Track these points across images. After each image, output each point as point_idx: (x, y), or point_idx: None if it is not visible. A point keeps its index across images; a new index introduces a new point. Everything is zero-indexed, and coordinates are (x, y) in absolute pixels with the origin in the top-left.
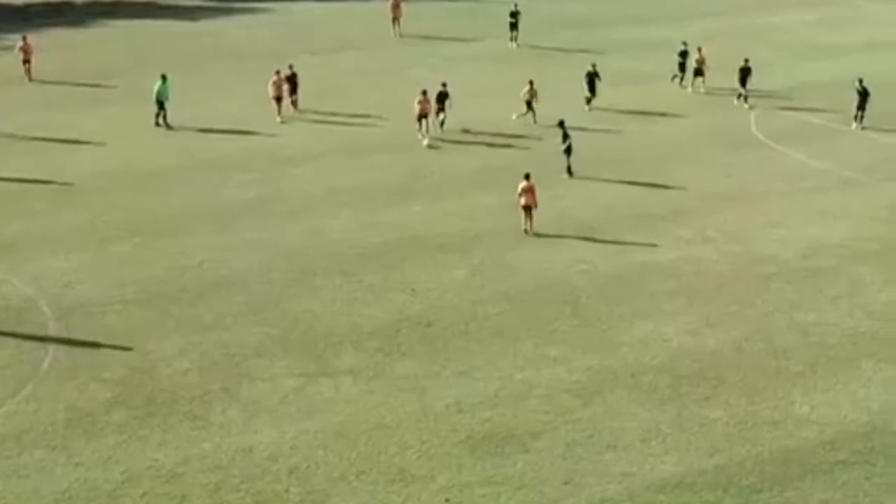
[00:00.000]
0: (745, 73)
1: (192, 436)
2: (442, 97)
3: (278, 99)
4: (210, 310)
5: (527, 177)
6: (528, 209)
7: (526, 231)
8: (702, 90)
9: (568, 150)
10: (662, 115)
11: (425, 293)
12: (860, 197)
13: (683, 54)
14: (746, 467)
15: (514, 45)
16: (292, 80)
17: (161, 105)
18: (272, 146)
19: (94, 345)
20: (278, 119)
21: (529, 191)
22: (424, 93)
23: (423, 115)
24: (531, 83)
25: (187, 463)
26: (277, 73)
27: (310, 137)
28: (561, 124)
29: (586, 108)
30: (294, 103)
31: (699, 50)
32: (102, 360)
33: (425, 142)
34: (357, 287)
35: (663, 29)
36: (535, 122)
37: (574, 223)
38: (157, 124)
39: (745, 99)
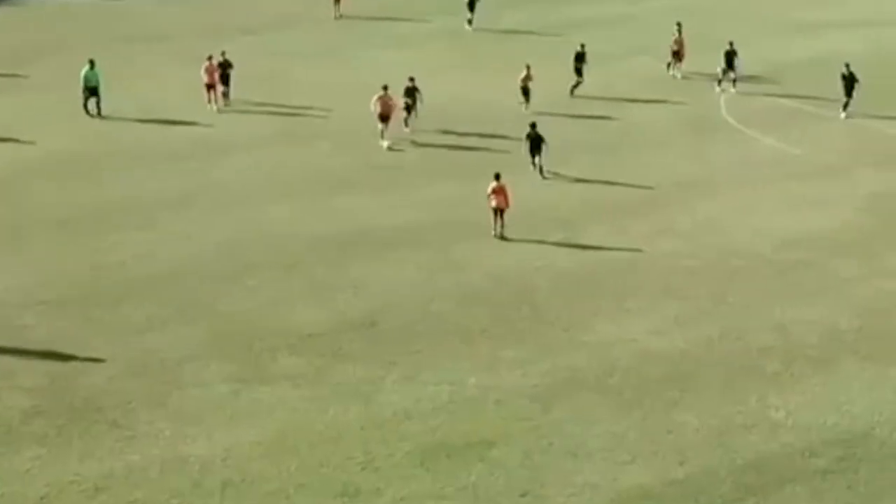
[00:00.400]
0: (730, 56)
1: (117, 447)
2: (411, 93)
3: (210, 86)
4: (138, 311)
5: (497, 177)
6: (499, 212)
7: (496, 235)
8: (678, 75)
9: (535, 148)
10: (624, 99)
11: (371, 291)
12: (839, 184)
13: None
14: (719, 476)
15: (470, 27)
16: (224, 69)
17: (92, 92)
18: (206, 135)
19: (12, 350)
20: (209, 107)
21: (501, 191)
22: (385, 88)
23: (385, 116)
24: (528, 67)
25: (112, 476)
26: (209, 58)
27: (246, 125)
28: (533, 126)
29: (571, 95)
30: (225, 95)
31: (678, 30)
32: (20, 367)
33: (385, 143)
34: (297, 284)
35: (622, 5)
36: (526, 109)
37: (532, 215)
38: (88, 112)
39: (734, 83)
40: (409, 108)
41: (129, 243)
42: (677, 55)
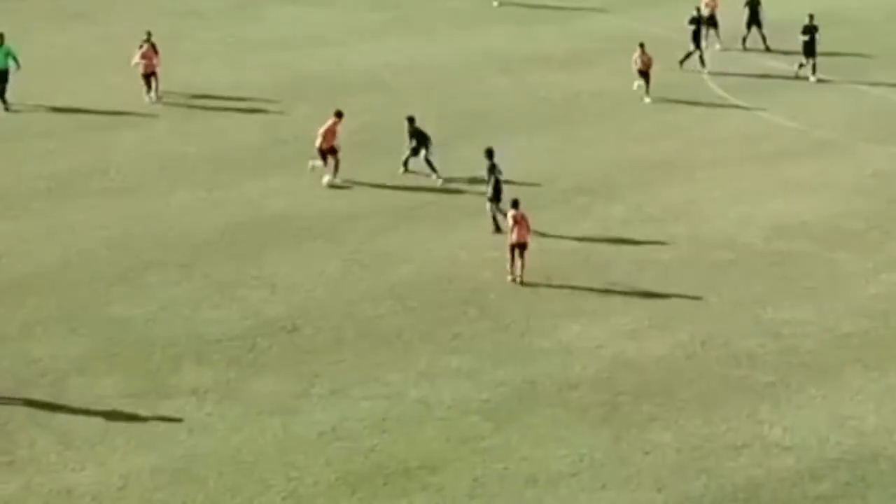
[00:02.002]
0: (754, 7)
1: None
2: (419, 137)
3: (149, 76)
4: (12, 316)
5: (515, 204)
6: (519, 248)
7: (514, 280)
8: (717, 46)
9: (495, 192)
10: (590, 62)
11: (288, 290)
12: (840, 163)
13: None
14: None
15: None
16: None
17: (1, 77)
18: (87, 108)
19: None
20: (146, 99)
21: (522, 221)
22: (339, 115)
23: (329, 151)
24: (642, 46)
25: None
26: (147, 40)
27: (138, 95)
28: (489, 154)
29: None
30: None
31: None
32: None
33: (326, 178)
34: (201, 284)
35: None
36: (647, 97)
37: (477, 199)
38: (5, 104)
39: (765, 42)
40: (416, 152)
41: (3, 235)
42: (713, 21)
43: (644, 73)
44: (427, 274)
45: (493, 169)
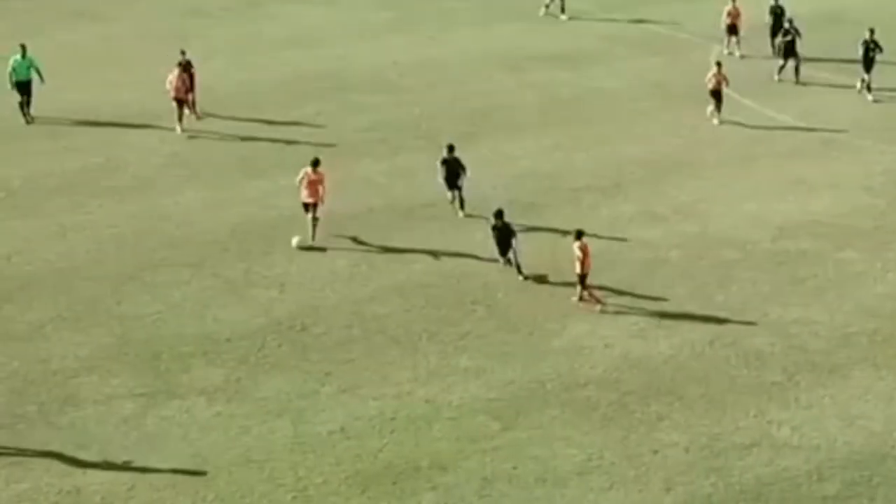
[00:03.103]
0: (778, 17)
1: (2, 474)
2: (451, 166)
3: (181, 102)
4: (22, 316)
5: (579, 235)
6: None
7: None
8: (737, 53)
9: (507, 253)
10: (598, 60)
11: (297, 289)
12: (848, 162)
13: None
14: None
15: (564, 16)
16: (188, 72)
17: (24, 91)
18: (97, 107)
19: None
20: (177, 128)
21: (584, 250)
22: (315, 164)
23: (313, 204)
24: (719, 66)
25: None
26: (180, 64)
27: (149, 95)
28: (499, 215)
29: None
30: (193, 104)
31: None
32: None
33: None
34: (210, 283)
35: None
36: (718, 118)
37: (483, 199)
38: (25, 117)
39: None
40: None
41: (8, 237)
42: (733, 29)
43: (716, 94)
44: (435, 273)
45: (505, 231)
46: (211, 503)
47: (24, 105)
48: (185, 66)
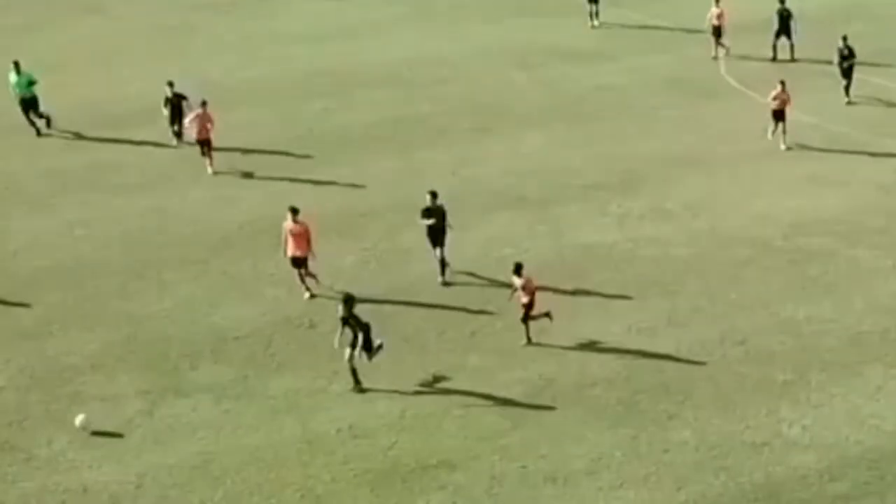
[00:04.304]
0: (785, 19)
1: (9, 473)
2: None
3: (205, 143)
4: (28, 312)
5: (517, 269)
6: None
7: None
8: (720, 54)
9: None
10: (610, 56)
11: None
12: (860, 159)
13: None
14: (722, 503)
15: (595, 22)
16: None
17: (30, 106)
18: (102, 103)
19: None
20: (210, 170)
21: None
22: (294, 213)
23: (301, 260)
24: (783, 84)
25: None
26: (204, 104)
27: (154, 89)
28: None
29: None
30: (179, 134)
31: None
32: None
33: (306, 295)
34: (218, 280)
35: None
36: (785, 140)
37: (494, 195)
38: (37, 128)
39: (792, 52)
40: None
41: (15, 233)
42: (718, 31)
43: (779, 114)
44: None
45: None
46: (219, 502)
47: (36, 118)
48: (178, 99)
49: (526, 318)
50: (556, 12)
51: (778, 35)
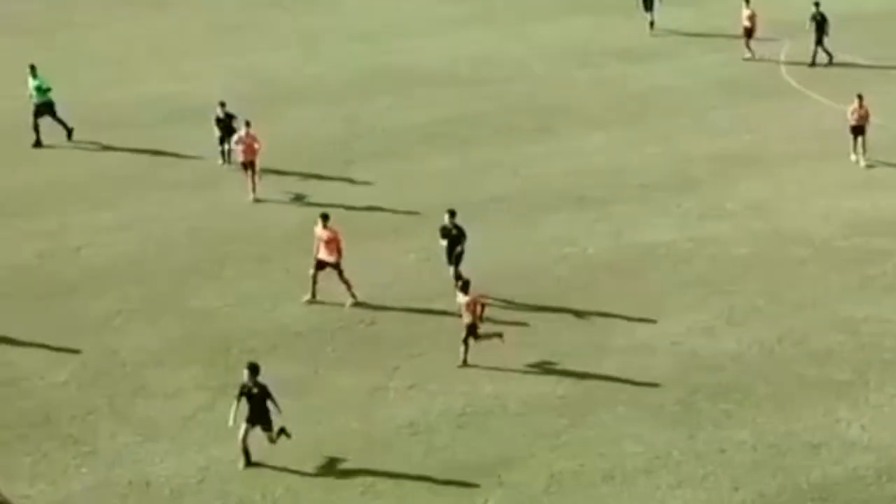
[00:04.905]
0: (821, 26)
1: (72, 466)
2: (449, 235)
3: (248, 165)
4: (95, 306)
5: (464, 287)
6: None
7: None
8: (746, 55)
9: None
10: (669, 55)
11: (366, 284)
12: None
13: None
14: (779, 503)
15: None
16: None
17: (45, 112)
18: (168, 98)
19: None
20: (251, 196)
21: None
22: (325, 219)
23: (328, 264)
24: (860, 98)
25: (68, 501)
26: (248, 124)
27: (218, 86)
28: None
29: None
30: (228, 153)
31: (746, 1)
32: None
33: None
34: (280, 277)
35: None
36: (864, 158)
37: (555, 194)
38: (38, 139)
39: (830, 59)
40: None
41: (80, 228)
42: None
43: (858, 130)
44: (504, 269)
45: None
46: (280, 497)
47: (56, 122)
48: (229, 118)
49: (466, 339)
50: (615, 11)
51: (819, 41)
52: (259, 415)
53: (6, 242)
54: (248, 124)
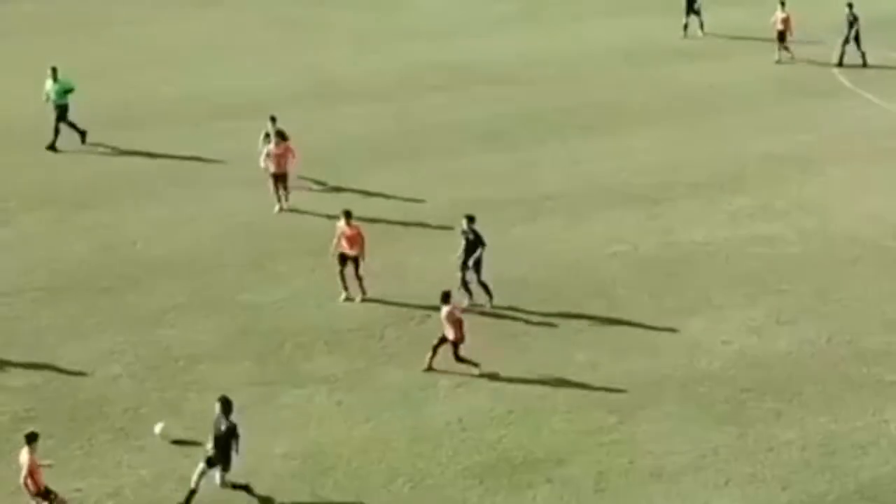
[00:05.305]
0: (852, 25)
1: (124, 460)
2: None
3: (279, 177)
4: (146, 301)
5: (445, 297)
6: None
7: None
8: (776, 56)
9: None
10: (720, 55)
11: (416, 281)
12: None
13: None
14: (827, 503)
15: (701, 31)
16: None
17: (59, 115)
18: (221, 94)
19: None
20: (276, 209)
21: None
22: (348, 216)
23: (349, 258)
24: None
25: (119, 494)
26: (279, 134)
27: (271, 81)
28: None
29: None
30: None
31: (782, 4)
32: (10, 365)
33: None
34: (331, 274)
35: None
36: None
37: (606, 192)
38: (54, 145)
39: (864, 60)
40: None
41: (135, 223)
42: (782, 36)
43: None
44: (553, 266)
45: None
46: (330, 491)
47: (66, 126)
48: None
49: (438, 346)
50: (664, 10)
51: (847, 41)
52: (220, 454)
53: (62, 236)
54: (280, 135)
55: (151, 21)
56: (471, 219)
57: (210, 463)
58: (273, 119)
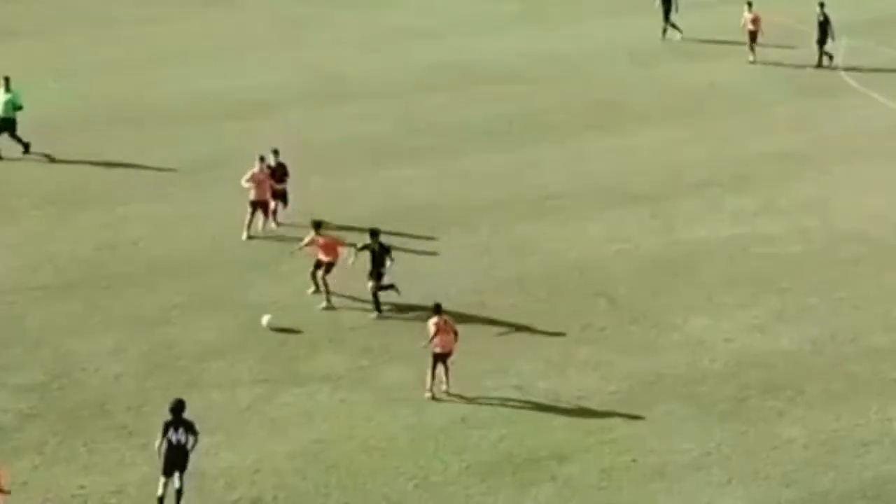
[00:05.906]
0: (823, 28)
1: (127, 457)
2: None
3: (259, 204)
4: (149, 299)
5: (437, 309)
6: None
7: (433, 396)
8: (751, 58)
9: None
10: (722, 52)
11: (421, 280)
12: None
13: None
14: (830, 501)
15: (679, 34)
16: (281, 177)
17: (6, 128)
18: (223, 94)
19: (3, 343)
20: (244, 234)
21: (445, 328)
22: (317, 227)
23: (325, 266)
24: None
25: (122, 492)
26: (262, 160)
27: (276, 81)
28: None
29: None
30: (274, 213)
31: (749, 5)
32: (13, 363)
33: (322, 304)
34: (334, 272)
35: None
36: None
37: (607, 191)
38: (26, 150)
39: (830, 59)
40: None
41: (138, 221)
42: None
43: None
44: (557, 265)
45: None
46: (333, 489)
47: (12, 140)
48: (275, 169)
49: (436, 366)
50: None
51: (820, 41)
52: (177, 460)
53: (65, 234)
54: (262, 160)
55: (155, 20)
56: (374, 233)
57: (168, 472)
58: (276, 151)
